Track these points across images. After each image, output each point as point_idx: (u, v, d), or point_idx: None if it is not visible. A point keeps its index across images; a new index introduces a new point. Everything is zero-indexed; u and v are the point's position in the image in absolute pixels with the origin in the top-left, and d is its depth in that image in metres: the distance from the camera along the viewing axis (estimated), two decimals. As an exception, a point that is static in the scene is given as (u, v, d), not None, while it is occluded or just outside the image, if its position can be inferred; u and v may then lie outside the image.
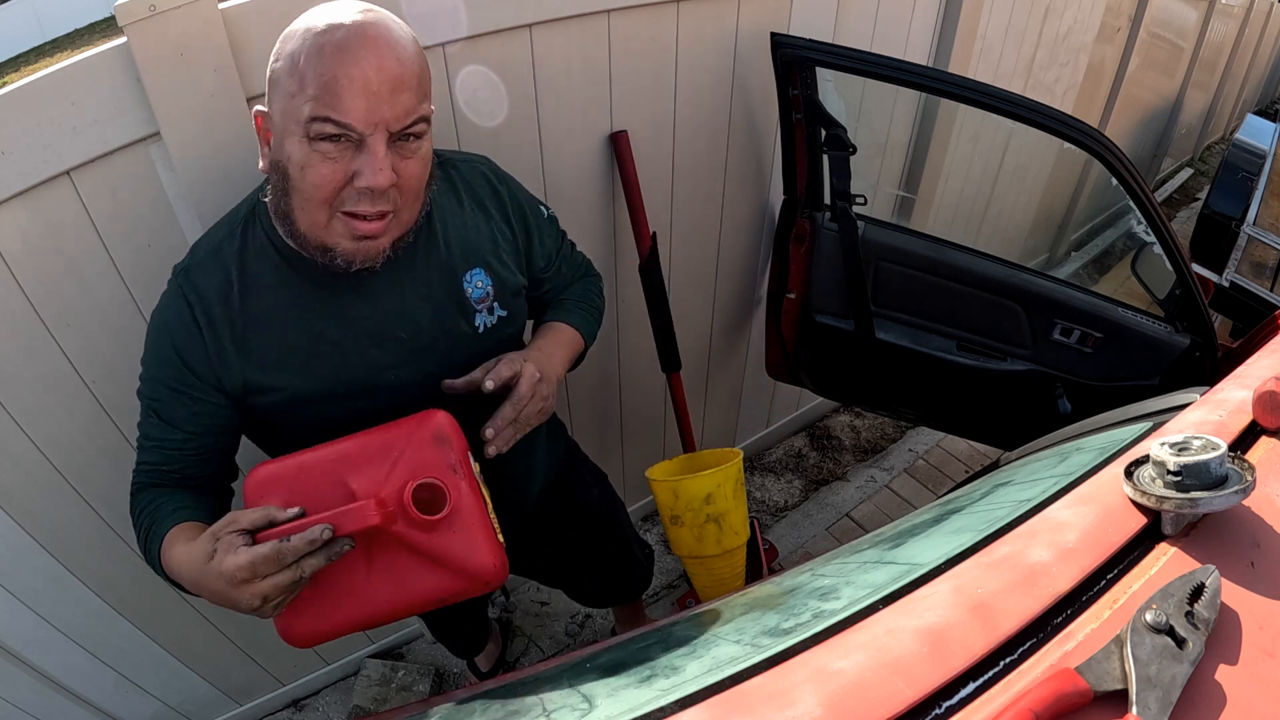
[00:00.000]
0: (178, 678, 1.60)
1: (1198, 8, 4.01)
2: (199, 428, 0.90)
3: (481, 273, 0.98)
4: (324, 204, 0.80)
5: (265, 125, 0.82)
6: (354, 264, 0.84)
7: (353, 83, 0.74)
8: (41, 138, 0.95)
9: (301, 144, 0.77)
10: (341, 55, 0.74)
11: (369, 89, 0.75)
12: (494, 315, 0.99)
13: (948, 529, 0.80)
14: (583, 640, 2.06)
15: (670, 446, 2.16)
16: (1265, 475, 0.60)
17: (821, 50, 1.47)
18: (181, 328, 0.87)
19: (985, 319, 1.70)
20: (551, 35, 1.31)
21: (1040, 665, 0.49)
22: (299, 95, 0.75)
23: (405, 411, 0.87)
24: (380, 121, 0.77)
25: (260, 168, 0.84)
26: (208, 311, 0.87)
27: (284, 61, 0.77)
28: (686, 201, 1.72)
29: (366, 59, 0.75)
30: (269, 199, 0.84)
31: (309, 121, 0.76)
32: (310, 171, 0.78)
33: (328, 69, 0.74)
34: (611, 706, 0.59)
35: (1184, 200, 4.92)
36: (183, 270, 0.89)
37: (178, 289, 0.88)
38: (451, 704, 0.88)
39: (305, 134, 0.76)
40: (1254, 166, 2.91)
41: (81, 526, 1.28)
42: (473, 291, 0.97)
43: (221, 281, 0.87)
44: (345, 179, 0.79)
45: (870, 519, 2.38)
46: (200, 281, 0.87)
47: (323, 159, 0.77)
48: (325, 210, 0.81)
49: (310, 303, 0.89)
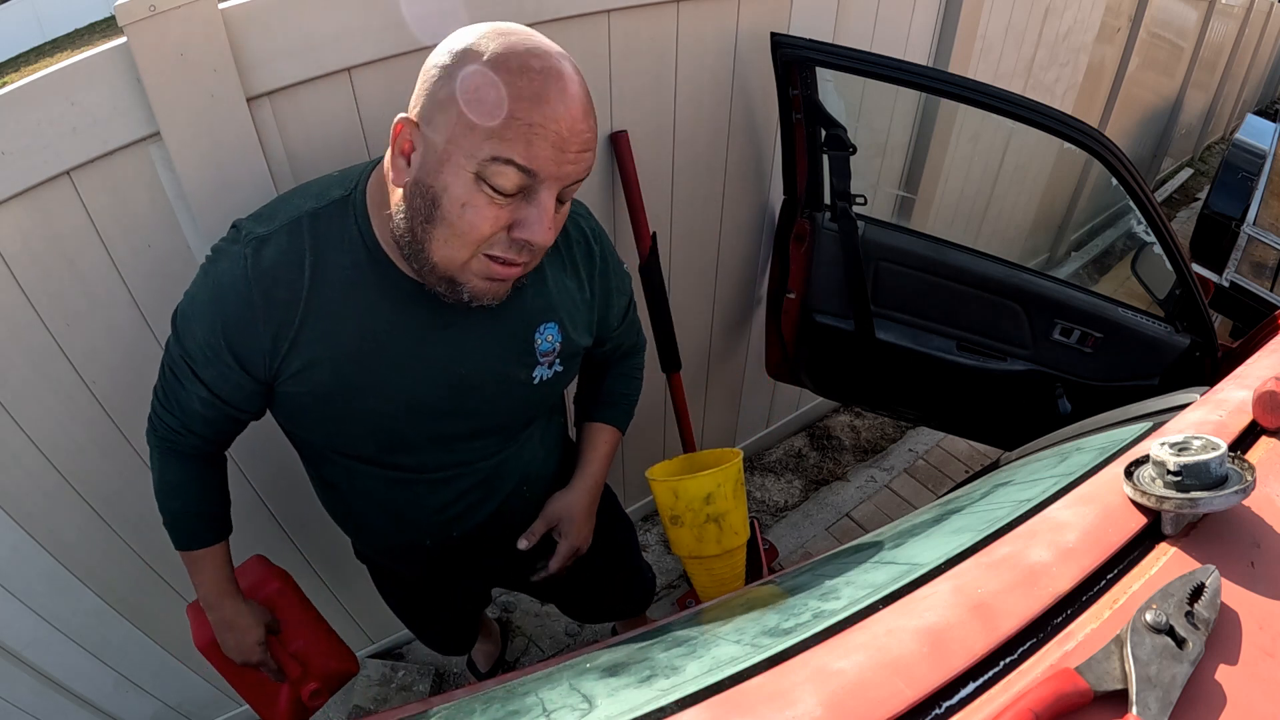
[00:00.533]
0: (178, 678, 1.60)
1: (1198, 8, 4.01)
2: (227, 398, 0.90)
3: (555, 328, 0.95)
4: (473, 245, 0.76)
5: (410, 137, 0.74)
6: (477, 301, 0.81)
7: (548, 132, 0.70)
8: (41, 138, 0.95)
9: (467, 180, 0.72)
10: (542, 99, 0.69)
11: (561, 141, 0.71)
12: (552, 370, 0.98)
13: (948, 529, 0.80)
14: (583, 640, 2.06)
15: (670, 446, 2.16)
16: (1265, 475, 0.60)
17: (821, 50, 1.48)
18: (236, 303, 0.82)
19: (985, 319, 1.70)
20: (551, 35, 1.28)
21: (1040, 665, 0.49)
22: (479, 129, 0.69)
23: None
24: (560, 176, 0.73)
25: (393, 180, 0.77)
26: (269, 293, 0.81)
27: (464, 83, 0.70)
28: (686, 201, 1.72)
29: (566, 108, 0.70)
30: (398, 219, 0.78)
31: (488, 160, 0.70)
32: (471, 212, 0.73)
33: (524, 110, 0.69)
34: (611, 706, 0.59)
35: (1184, 200, 4.92)
36: (255, 240, 0.82)
37: (242, 259, 0.81)
38: (451, 704, 0.88)
39: (477, 171, 0.71)
40: (1254, 166, 2.91)
41: (81, 527, 1.28)
42: (541, 344, 0.95)
43: (293, 263, 0.81)
44: (505, 226, 0.75)
45: (870, 519, 2.38)
46: (270, 257, 0.81)
47: (489, 202, 0.73)
48: (470, 250, 0.76)
49: (381, 310, 0.85)
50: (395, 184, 0.77)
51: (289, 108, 1.10)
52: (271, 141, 1.10)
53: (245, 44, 1.02)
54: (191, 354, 0.87)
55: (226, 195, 1.09)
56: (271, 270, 0.81)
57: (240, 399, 0.90)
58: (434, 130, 0.72)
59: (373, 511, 1.06)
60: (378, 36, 1.11)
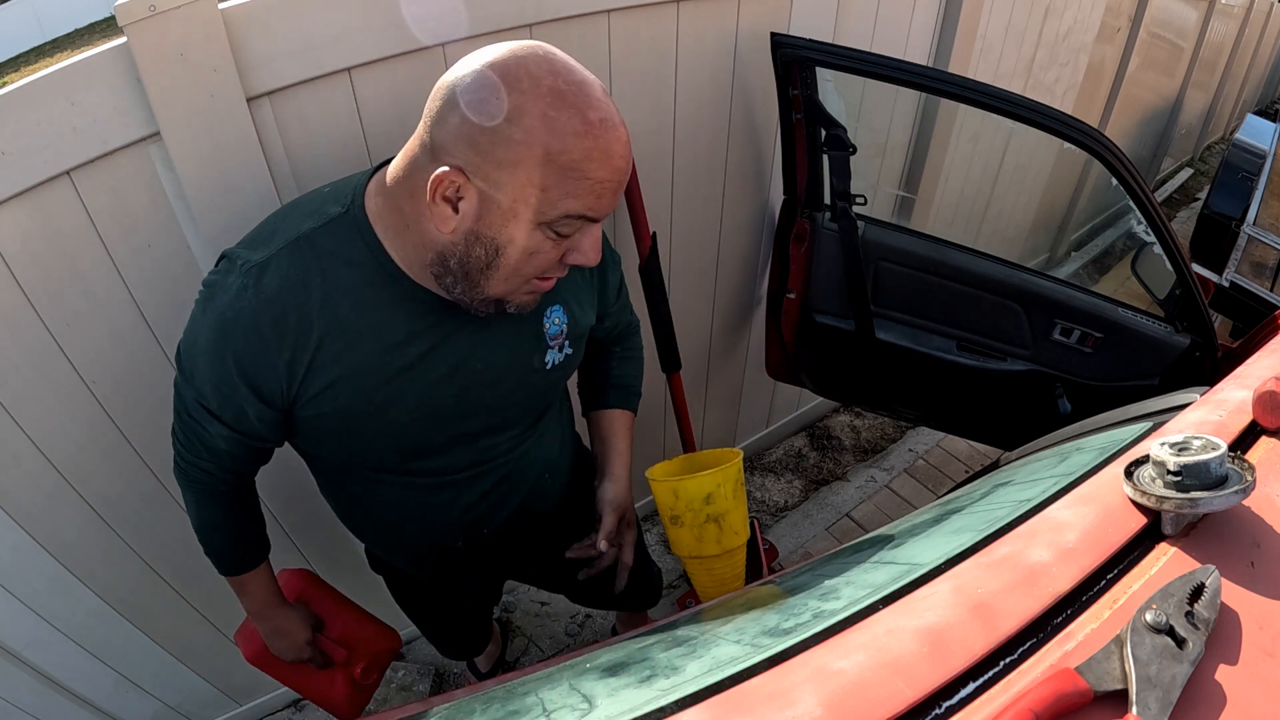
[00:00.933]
0: (178, 678, 1.60)
1: (1198, 8, 4.01)
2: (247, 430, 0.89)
3: (560, 310, 0.96)
4: (531, 278, 0.80)
5: (459, 188, 0.72)
6: (519, 311, 0.85)
7: (612, 183, 0.73)
8: (41, 138, 0.95)
9: (536, 231, 0.74)
10: (608, 155, 0.72)
11: (618, 185, 0.74)
12: (562, 353, 0.99)
13: (948, 529, 0.80)
14: (583, 640, 2.06)
15: (670, 446, 2.16)
16: (1265, 475, 0.60)
17: (821, 50, 1.47)
18: (245, 334, 0.80)
19: (985, 319, 1.70)
20: (551, 35, 1.30)
21: (1040, 665, 0.49)
22: (557, 189, 0.71)
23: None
24: (612, 208, 0.77)
25: (437, 226, 0.75)
26: (280, 320, 0.79)
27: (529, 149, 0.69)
28: (686, 201, 1.72)
29: (623, 156, 0.73)
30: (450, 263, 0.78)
31: (560, 217, 0.73)
32: (538, 257, 0.77)
33: (594, 169, 0.71)
34: (611, 706, 0.59)
35: (1184, 200, 4.92)
36: (254, 268, 0.79)
37: (243, 289, 0.79)
38: (451, 704, 0.88)
39: (549, 224, 0.74)
40: (1254, 166, 2.91)
41: (81, 527, 1.28)
42: (550, 328, 0.96)
43: (300, 285, 0.79)
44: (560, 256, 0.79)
45: (870, 519, 2.38)
46: (273, 283, 0.79)
47: (553, 246, 0.76)
48: (527, 281, 0.80)
49: (398, 323, 0.84)
50: (441, 229, 0.75)
51: (289, 108, 1.10)
52: (271, 141, 1.10)
53: (245, 44, 1.02)
54: (204, 394, 0.86)
55: (226, 195, 1.09)
56: (279, 296, 0.79)
57: (264, 430, 0.89)
58: (494, 187, 0.72)
59: (401, 520, 1.06)
60: (378, 36, 1.12)
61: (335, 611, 1.26)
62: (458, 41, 1.21)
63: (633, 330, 1.26)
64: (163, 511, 1.35)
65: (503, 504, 1.07)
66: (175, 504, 1.36)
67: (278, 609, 1.15)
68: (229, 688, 1.72)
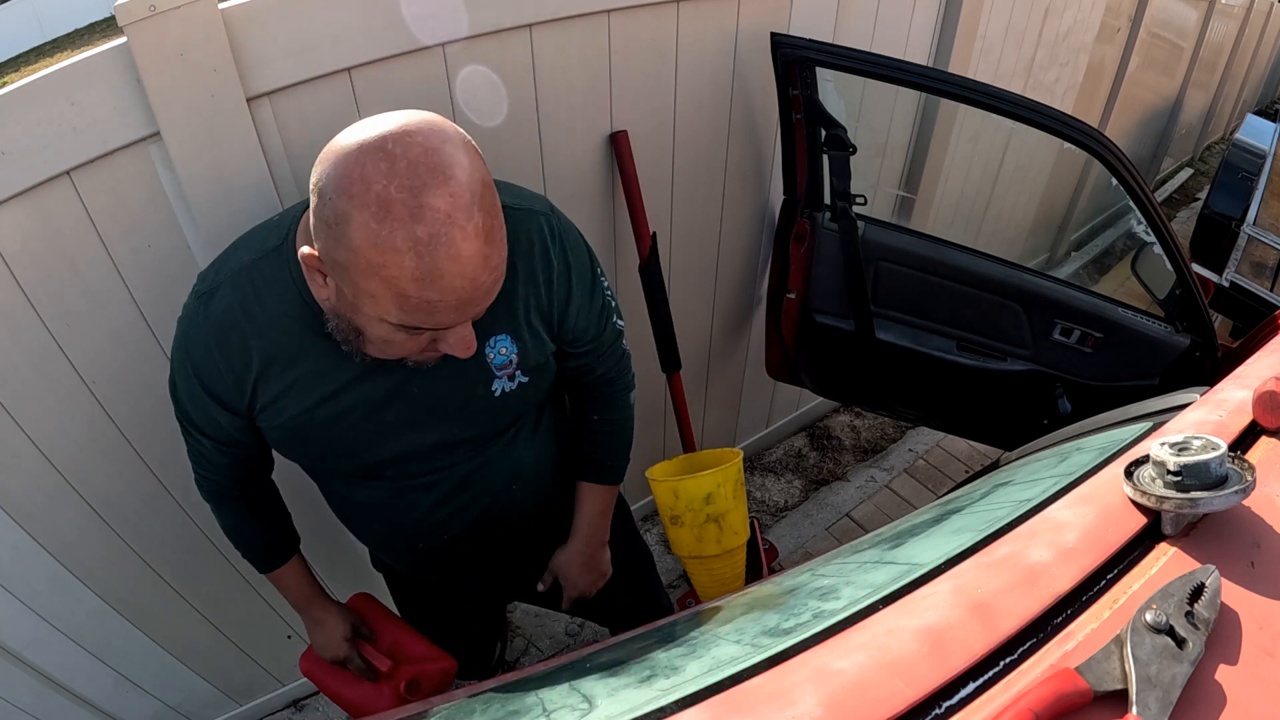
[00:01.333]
0: (178, 678, 1.60)
1: (1198, 8, 4.01)
2: (227, 439, 0.94)
3: (507, 339, 0.93)
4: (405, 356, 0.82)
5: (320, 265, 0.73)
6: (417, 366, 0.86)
7: (447, 303, 0.70)
8: (41, 138, 0.95)
9: (384, 325, 0.74)
10: (434, 276, 0.67)
11: (461, 303, 0.71)
12: (514, 382, 0.96)
13: (948, 529, 0.80)
14: (583, 640, 2.06)
15: (670, 446, 2.16)
16: (1265, 475, 0.60)
17: (821, 50, 1.48)
18: (200, 352, 0.87)
19: (985, 319, 1.70)
20: (551, 35, 1.31)
21: (1040, 665, 0.49)
22: (386, 301, 0.70)
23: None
24: (469, 319, 0.76)
25: (314, 292, 0.78)
26: (224, 343, 0.86)
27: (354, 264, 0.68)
28: (686, 201, 1.72)
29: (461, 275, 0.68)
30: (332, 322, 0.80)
31: (397, 326, 0.73)
32: (395, 346, 0.78)
33: (418, 289, 0.68)
34: (611, 706, 0.59)
35: (1184, 200, 4.92)
36: (204, 295, 0.87)
37: (196, 311, 0.87)
38: (451, 704, 0.88)
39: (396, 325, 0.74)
40: (1254, 166, 2.91)
41: (81, 527, 1.28)
42: (495, 358, 0.93)
43: (238, 313, 0.85)
44: (428, 343, 0.79)
45: (870, 519, 2.38)
46: (217, 310, 0.85)
47: (409, 337, 0.76)
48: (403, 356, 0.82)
49: (328, 353, 0.86)
50: (317, 295, 0.78)
51: (289, 107, 1.10)
52: (271, 141, 1.11)
53: (245, 44, 1.02)
54: (187, 411, 0.93)
55: (226, 195, 1.09)
56: (221, 321, 0.85)
57: (241, 437, 0.94)
58: (341, 280, 0.72)
59: (370, 519, 1.10)
60: (378, 36, 1.12)
61: (387, 626, 1.26)
62: (458, 41, 1.21)
63: (622, 388, 1.15)
64: (163, 511, 1.35)
65: (464, 511, 1.07)
66: (175, 504, 1.36)
67: (313, 600, 1.18)
68: (229, 688, 1.72)
